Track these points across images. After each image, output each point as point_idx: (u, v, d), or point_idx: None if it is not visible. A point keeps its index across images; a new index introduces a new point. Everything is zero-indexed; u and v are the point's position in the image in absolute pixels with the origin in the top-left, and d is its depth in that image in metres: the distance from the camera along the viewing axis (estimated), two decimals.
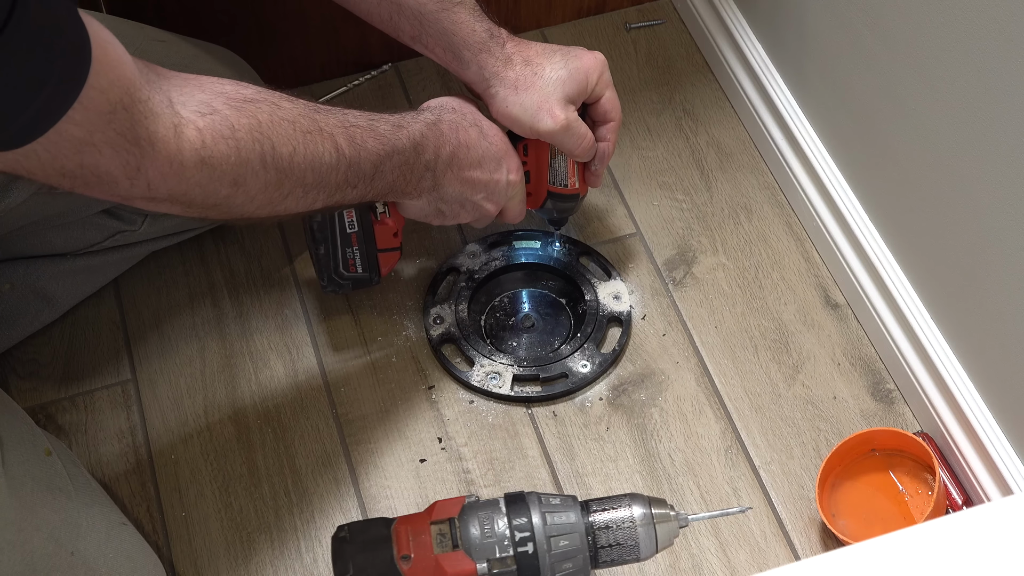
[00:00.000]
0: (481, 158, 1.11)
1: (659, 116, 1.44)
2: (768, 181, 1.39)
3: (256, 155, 0.88)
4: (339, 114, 0.98)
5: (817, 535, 1.14)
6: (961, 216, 1.10)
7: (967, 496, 1.14)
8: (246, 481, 1.17)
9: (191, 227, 1.29)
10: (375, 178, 1.01)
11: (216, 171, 0.86)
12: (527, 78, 1.12)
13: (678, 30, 1.53)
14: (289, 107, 0.93)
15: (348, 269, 1.18)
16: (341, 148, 0.96)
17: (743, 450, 1.19)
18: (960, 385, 1.14)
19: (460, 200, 1.12)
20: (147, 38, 1.19)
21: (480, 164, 1.11)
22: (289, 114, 0.92)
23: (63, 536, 0.99)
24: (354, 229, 1.15)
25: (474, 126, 1.11)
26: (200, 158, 0.84)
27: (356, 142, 0.97)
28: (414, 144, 1.03)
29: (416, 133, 1.04)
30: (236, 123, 0.87)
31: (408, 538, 0.93)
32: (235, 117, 0.87)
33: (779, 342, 1.26)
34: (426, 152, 1.05)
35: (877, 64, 1.17)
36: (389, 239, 1.18)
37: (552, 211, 1.25)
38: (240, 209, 0.92)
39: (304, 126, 0.93)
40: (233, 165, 0.87)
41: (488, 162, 1.11)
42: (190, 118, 0.84)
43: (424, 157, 1.05)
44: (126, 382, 1.23)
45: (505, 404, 1.22)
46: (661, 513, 0.94)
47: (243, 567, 1.12)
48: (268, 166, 0.90)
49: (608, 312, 1.27)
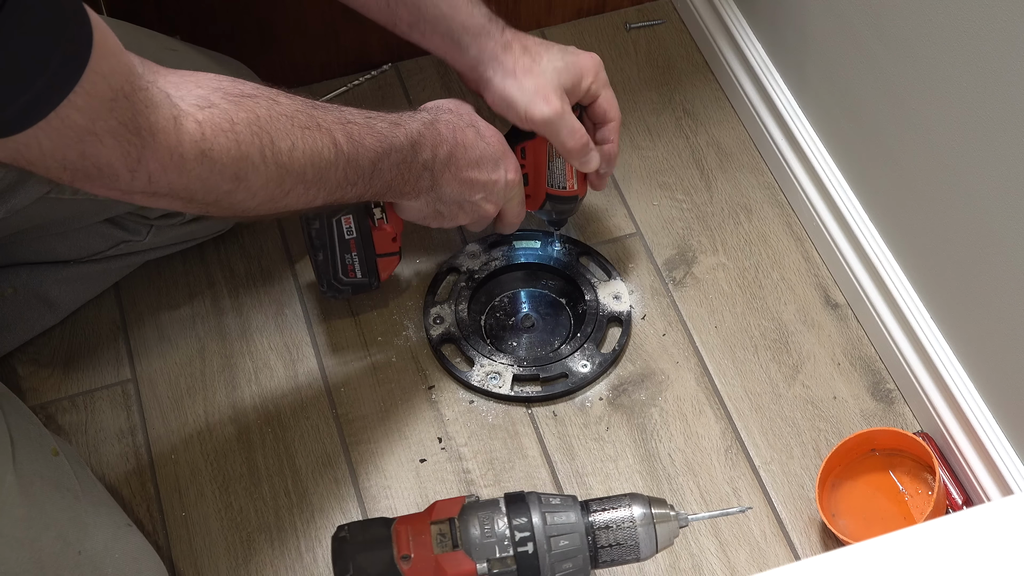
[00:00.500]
0: (479, 158, 1.10)
1: (659, 116, 1.45)
2: (768, 181, 1.39)
3: (256, 149, 0.88)
4: (337, 111, 0.98)
5: (817, 535, 1.14)
6: (961, 216, 1.10)
7: (967, 496, 1.14)
8: (246, 481, 1.17)
9: (195, 238, 1.29)
10: (373, 176, 1.01)
11: (217, 164, 0.86)
12: (525, 64, 1.12)
13: (678, 30, 1.53)
14: (287, 103, 0.93)
15: (347, 275, 1.18)
16: (339, 144, 0.96)
17: (743, 450, 1.19)
18: (960, 385, 1.14)
19: (458, 201, 1.12)
20: (160, 46, 1.19)
21: (478, 164, 1.11)
22: (287, 109, 0.92)
23: (71, 535, 1.00)
24: (352, 235, 1.15)
25: (471, 127, 1.11)
26: (200, 150, 0.84)
27: (354, 139, 0.97)
28: (411, 142, 1.03)
29: (413, 131, 1.04)
30: (235, 117, 0.87)
31: (408, 538, 0.93)
32: (234, 111, 0.87)
33: (779, 342, 1.26)
34: (423, 151, 1.05)
35: (877, 64, 1.17)
36: (388, 244, 1.18)
37: (551, 212, 1.25)
38: (242, 205, 0.92)
39: (302, 121, 0.93)
40: (234, 159, 0.87)
41: (486, 162, 1.11)
42: (189, 111, 0.84)
43: (422, 156, 1.05)
44: (126, 382, 1.23)
45: (505, 404, 1.22)
46: (661, 513, 0.94)
47: (243, 567, 1.12)
48: (268, 161, 0.90)
49: (608, 312, 1.27)
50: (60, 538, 0.99)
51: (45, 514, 0.98)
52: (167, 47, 1.20)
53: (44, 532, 0.97)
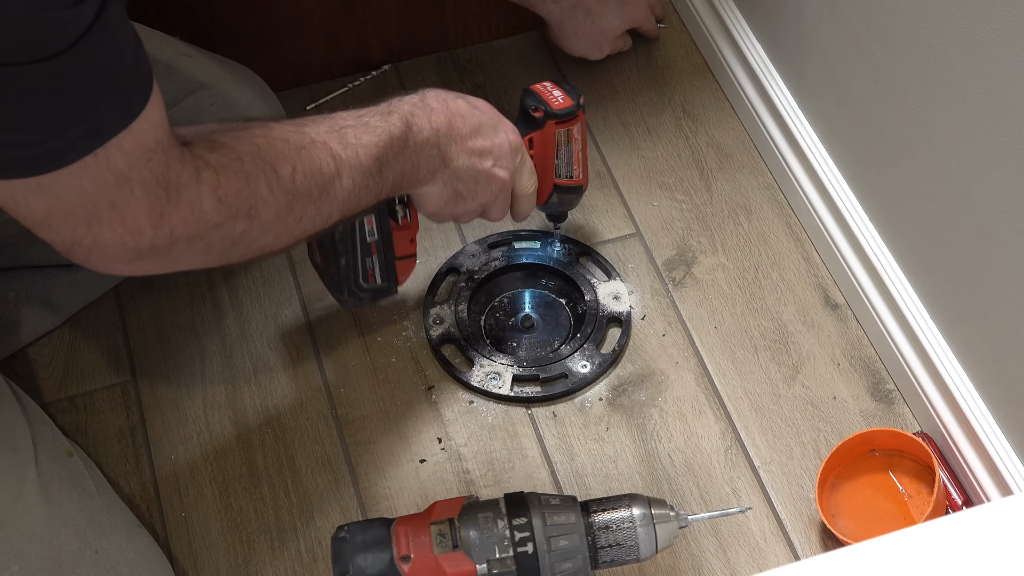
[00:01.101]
0: (477, 125, 1.09)
1: (659, 116, 1.45)
2: (768, 181, 1.39)
3: (263, 182, 0.88)
4: (327, 120, 0.97)
5: (817, 535, 1.14)
6: (961, 216, 1.10)
7: (967, 496, 1.14)
8: (246, 481, 1.17)
9: None
10: (383, 171, 1.00)
11: (232, 208, 0.86)
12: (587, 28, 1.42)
13: (678, 30, 1.53)
14: (278, 127, 0.93)
15: (368, 280, 1.15)
16: (337, 154, 0.95)
17: (743, 450, 1.19)
18: (960, 385, 1.14)
19: (473, 174, 1.09)
20: (175, 52, 1.19)
21: (479, 131, 1.09)
22: (280, 133, 0.92)
23: (88, 534, 1.01)
24: (374, 238, 1.12)
25: (459, 98, 1.09)
26: (217, 198, 0.84)
27: (350, 142, 0.96)
28: (407, 124, 1.02)
29: (405, 112, 1.02)
30: (240, 152, 0.87)
31: (408, 538, 0.93)
32: (238, 146, 0.87)
33: (779, 342, 1.26)
34: (421, 129, 1.03)
35: (877, 64, 1.17)
36: (407, 245, 1.16)
37: (557, 205, 1.24)
38: (258, 243, 0.91)
39: (297, 142, 0.92)
40: (245, 198, 0.87)
41: (485, 128, 1.09)
42: (203, 155, 0.84)
43: (422, 134, 1.03)
44: (126, 382, 1.23)
45: (505, 404, 1.22)
46: (661, 513, 0.95)
47: (243, 567, 1.12)
48: (275, 190, 0.89)
49: (608, 312, 1.27)
50: (78, 537, 1.00)
51: (64, 513, 1.00)
52: (181, 52, 1.21)
53: (62, 530, 0.99)
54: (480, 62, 1.50)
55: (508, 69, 1.50)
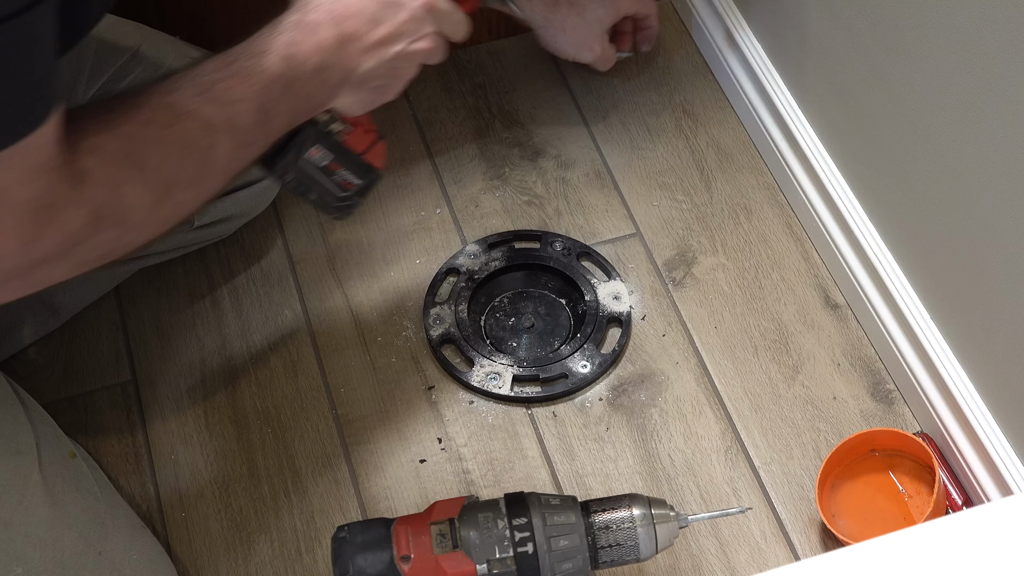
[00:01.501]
0: (375, 13, 0.93)
1: (659, 116, 1.45)
2: (768, 181, 1.39)
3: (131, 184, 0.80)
4: (192, 78, 0.84)
5: (817, 535, 1.14)
6: (961, 216, 1.10)
7: (967, 496, 1.14)
8: (246, 481, 1.17)
9: (199, 242, 1.29)
10: (268, 119, 0.88)
11: (103, 220, 0.78)
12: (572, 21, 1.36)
13: (678, 30, 1.53)
14: (147, 105, 0.82)
15: (346, 189, 1.07)
16: (210, 121, 0.84)
17: (743, 450, 1.19)
18: (960, 385, 1.14)
19: (386, 67, 0.95)
20: (179, 54, 1.18)
21: (377, 19, 0.93)
22: (148, 114, 0.81)
23: (92, 536, 1.00)
24: (328, 159, 1.03)
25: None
26: (87, 212, 0.77)
27: (222, 101, 0.84)
28: (285, 60, 0.88)
29: (281, 47, 0.88)
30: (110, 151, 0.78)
31: (408, 538, 0.93)
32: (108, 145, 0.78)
33: (779, 342, 1.26)
34: (306, 59, 0.89)
35: (877, 64, 1.17)
36: (363, 138, 1.05)
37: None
38: (135, 242, 0.83)
39: (163, 119, 0.81)
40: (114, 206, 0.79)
41: (386, 10, 0.93)
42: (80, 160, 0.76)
43: (307, 64, 0.89)
44: (126, 382, 1.23)
45: (505, 404, 1.22)
46: (661, 513, 0.94)
47: (243, 567, 1.12)
48: (147, 186, 0.81)
49: (608, 312, 1.27)
50: (81, 538, 1.00)
51: (67, 514, 0.99)
52: (185, 54, 1.20)
53: (66, 532, 0.98)
54: (480, 62, 1.50)
55: (508, 69, 1.50)
